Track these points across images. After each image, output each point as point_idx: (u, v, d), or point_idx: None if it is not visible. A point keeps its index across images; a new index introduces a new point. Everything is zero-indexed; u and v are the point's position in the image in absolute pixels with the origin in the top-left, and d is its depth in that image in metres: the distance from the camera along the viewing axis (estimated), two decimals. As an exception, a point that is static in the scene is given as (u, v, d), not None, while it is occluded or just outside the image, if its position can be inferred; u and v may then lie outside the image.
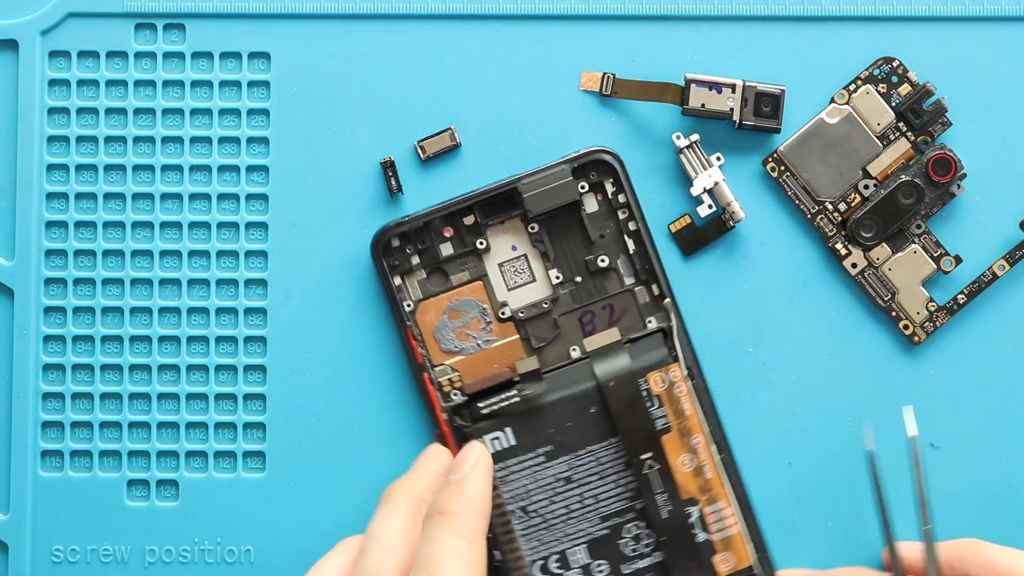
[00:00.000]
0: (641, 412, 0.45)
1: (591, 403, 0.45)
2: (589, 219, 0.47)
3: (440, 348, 0.47)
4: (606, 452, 0.45)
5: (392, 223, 0.46)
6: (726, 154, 0.47)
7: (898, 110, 0.47)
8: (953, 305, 0.47)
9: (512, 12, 0.48)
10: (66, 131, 0.48)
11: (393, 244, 0.46)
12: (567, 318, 0.47)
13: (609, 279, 0.47)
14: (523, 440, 0.45)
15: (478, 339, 0.47)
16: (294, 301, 0.47)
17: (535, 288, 0.47)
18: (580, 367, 0.45)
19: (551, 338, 0.47)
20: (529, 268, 0.47)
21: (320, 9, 0.48)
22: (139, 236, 0.48)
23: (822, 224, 0.47)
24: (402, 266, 0.47)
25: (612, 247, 0.47)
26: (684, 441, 0.45)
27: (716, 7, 0.47)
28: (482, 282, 0.47)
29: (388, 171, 0.47)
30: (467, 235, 0.47)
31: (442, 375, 0.46)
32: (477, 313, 0.47)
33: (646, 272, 0.46)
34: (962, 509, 0.46)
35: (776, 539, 0.47)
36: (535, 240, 0.47)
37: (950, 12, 0.47)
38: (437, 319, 0.47)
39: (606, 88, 0.47)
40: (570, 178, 0.46)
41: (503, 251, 0.47)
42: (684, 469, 0.45)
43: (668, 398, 0.45)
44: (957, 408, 0.47)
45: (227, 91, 0.48)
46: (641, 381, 0.45)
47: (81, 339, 0.47)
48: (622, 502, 0.45)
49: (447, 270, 0.47)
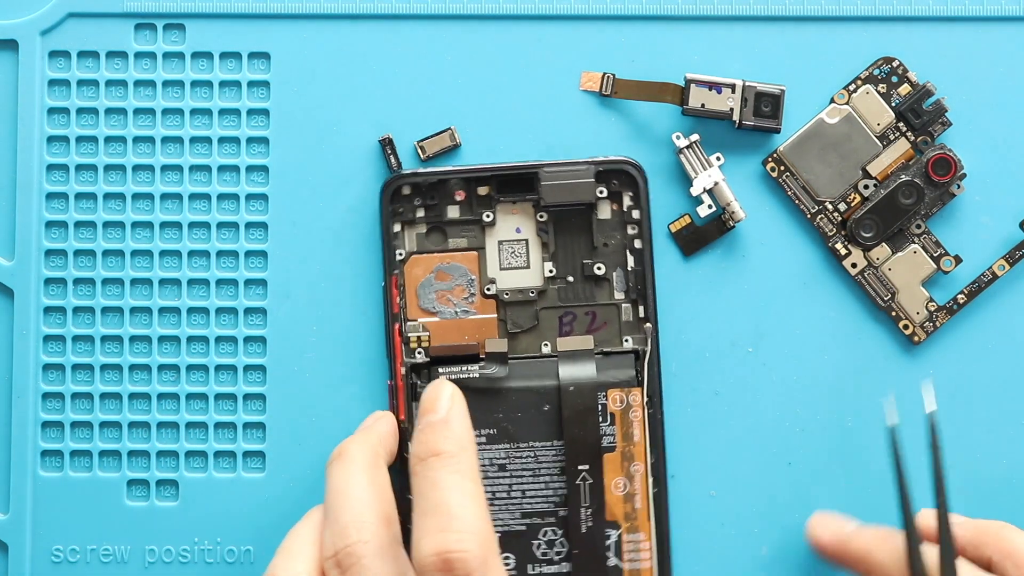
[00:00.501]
0: (591, 424, 0.44)
1: (546, 401, 0.45)
2: (598, 224, 0.47)
3: (419, 305, 0.46)
4: (546, 452, 0.45)
5: (409, 171, 0.46)
6: (726, 154, 0.47)
7: (898, 110, 0.47)
8: (953, 305, 0.47)
9: (512, 12, 0.48)
10: (66, 131, 0.48)
11: (404, 192, 0.46)
12: (548, 313, 0.47)
13: (600, 288, 0.47)
14: (472, 416, 0.44)
15: (457, 307, 0.46)
16: (294, 301, 0.47)
17: (526, 275, 0.47)
18: (546, 363, 0.45)
19: (527, 327, 0.47)
20: (527, 253, 0.47)
21: (320, 9, 0.48)
22: (139, 236, 0.48)
23: (822, 224, 0.47)
24: (406, 215, 0.46)
25: (612, 258, 0.47)
26: (624, 465, 0.45)
27: (716, 7, 0.47)
28: (478, 254, 0.47)
29: (387, 148, 0.46)
30: (477, 204, 0.47)
31: (412, 331, 0.46)
32: (464, 282, 0.46)
33: (638, 292, 0.46)
34: (962, 509, 0.46)
35: (776, 539, 0.47)
36: (540, 229, 0.47)
37: (950, 12, 0.47)
38: (424, 276, 0.46)
39: (606, 88, 0.47)
40: (591, 180, 0.46)
41: (506, 230, 0.47)
42: (616, 492, 0.45)
43: (621, 419, 0.45)
44: (957, 408, 0.47)
45: (227, 91, 0.48)
46: (601, 395, 0.45)
47: (81, 339, 0.47)
48: (547, 505, 0.45)
49: (448, 232, 0.47)
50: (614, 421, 0.45)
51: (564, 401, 0.45)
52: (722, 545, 0.47)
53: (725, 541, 0.47)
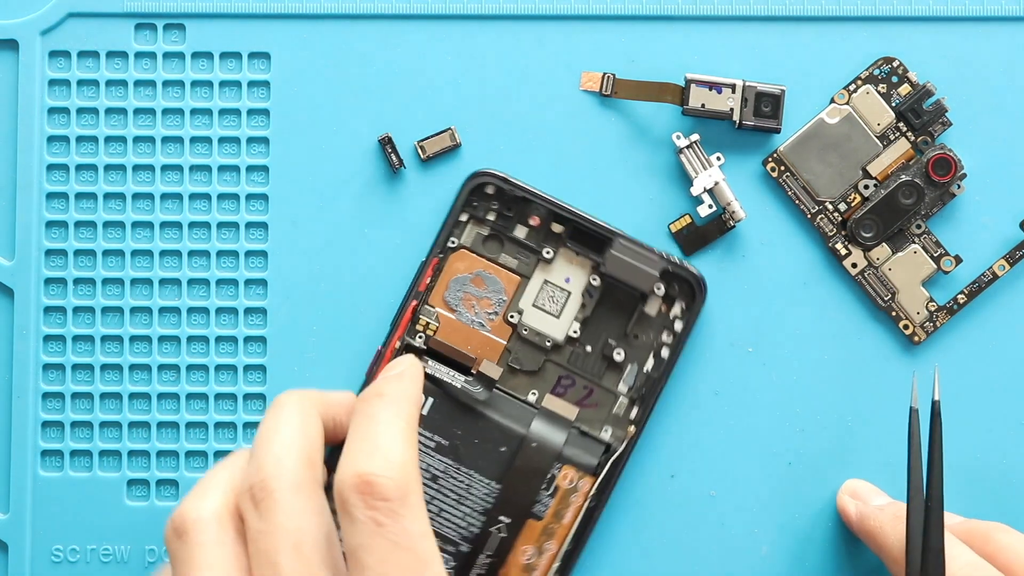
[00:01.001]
0: (534, 486, 0.44)
1: (506, 443, 0.45)
2: (639, 316, 0.46)
3: (444, 296, 0.46)
4: (480, 488, 0.44)
5: (505, 175, 0.46)
6: (726, 154, 0.47)
7: (898, 110, 0.47)
8: (953, 305, 0.47)
9: (512, 12, 0.48)
10: (66, 131, 0.48)
11: (488, 190, 0.46)
12: (552, 367, 0.46)
13: (611, 371, 0.46)
14: (432, 418, 0.44)
15: (477, 316, 0.46)
16: (294, 301, 0.47)
17: (552, 323, 0.46)
18: (525, 411, 0.45)
19: (527, 369, 0.46)
20: (563, 305, 0.46)
21: (320, 9, 0.48)
22: (139, 236, 0.48)
23: (822, 224, 0.47)
24: (478, 211, 0.46)
25: (636, 351, 0.46)
26: (541, 538, 0.44)
27: (716, 7, 0.47)
28: (520, 280, 0.46)
29: (387, 147, 0.46)
30: (544, 237, 0.46)
31: (425, 315, 0.46)
32: (495, 298, 0.46)
33: (641, 394, 0.46)
34: (962, 508, 0.46)
35: (776, 539, 0.47)
36: (587, 290, 0.46)
37: (950, 12, 0.47)
38: (462, 272, 0.46)
39: (606, 88, 0.47)
40: (656, 273, 0.45)
41: (557, 274, 0.46)
42: (521, 558, 0.44)
43: (563, 497, 0.44)
44: (957, 408, 0.47)
45: (227, 91, 0.48)
46: (556, 465, 0.44)
47: (81, 339, 0.47)
48: (454, 534, 0.44)
49: (505, 246, 0.46)
50: (555, 495, 0.45)
51: (521, 452, 0.44)
52: (722, 545, 0.47)
53: (725, 541, 0.47)
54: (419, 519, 0.36)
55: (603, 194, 0.47)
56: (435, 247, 0.46)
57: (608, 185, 0.47)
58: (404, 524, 0.36)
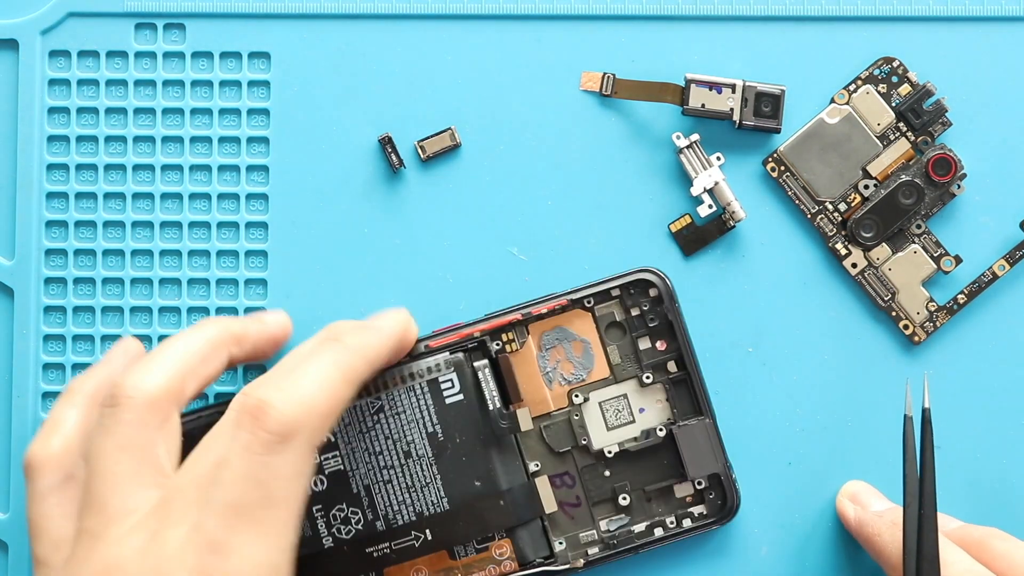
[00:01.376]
0: (472, 531, 0.44)
1: (483, 481, 0.44)
2: (666, 488, 0.46)
3: (542, 332, 0.46)
4: (432, 494, 0.44)
5: (674, 293, 0.45)
6: (726, 154, 0.47)
7: (898, 110, 0.47)
8: (953, 305, 0.47)
9: (512, 12, 0.48)
10: (66, 131, 0.48)
11: (651, 291, 0.45)
12: (567, 460, 0.46)
13: (606, 504, 0.46)
14: (451, 410, 0.44)
15: (551, 371, 0.46)
16: (294, 301, 0.47)
17: (599, 429, 0.46)
18: (518, 471, 0.45)
19: (547, 444, 0.46)
20: (620, 425, 0.46)
21: (320, 9, 0.48)
22: (139, 236, 0.48)
23: (822, 224, 0.47)
24: (626, 297, 0.46)
25: (637, 509, 0.46)
26: (439, 572, 0.44)
27: (716, 7, 0.47)
28: (608, 377, 0.46)
29: (387, 147, 0.46)
30: (656, 365, 0.46)
31: (516, 333, 0.45)
32: (578, 371, 0.46)
33: (609, 546, 0.45)
34: (961, 508, 0.46)
35: (776, 539, 0.47)
36: (649, 431, 0.46)
37: (950, 12, 0.47)
38: (572, 329, 0.46)
39: (606, 88, 0.47)
40: (708, 472, 0.45)
41: (639, 399, 0.46)
42: (412, 572, 0.44)
43: (484, 559, 0.44)
44: (957, 408, 0.47)
45: (227, 91, 0.48)
46: (503, 533, 0.44)
47: (81, 339, 0.47)
48: (383, 508, 0.44)
49: (620, 343, 0.46)
50: (480, 552, 0.44)
51: (487, 499, 0.44)
52: (723, 545, 0.47)
53: (725, 541, 0.47)
54: (292, 463, 0.37)
55: (603, 194, 0.47)
56: (575, 292, 0.46)
57: (608, 185, 0.47)
58: (274, 461, 0.36)
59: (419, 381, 0.44)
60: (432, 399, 0.44)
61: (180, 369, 0.40)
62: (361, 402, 0.44)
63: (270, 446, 0.36)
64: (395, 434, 0.44)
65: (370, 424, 0.44)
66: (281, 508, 0.37)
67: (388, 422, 0.44)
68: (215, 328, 0.42)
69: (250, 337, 0.43)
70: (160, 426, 0.39)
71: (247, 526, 0.36)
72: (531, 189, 0.47)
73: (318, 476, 0.44)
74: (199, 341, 0.41)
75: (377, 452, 0.44)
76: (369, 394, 0.44)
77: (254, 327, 0.44)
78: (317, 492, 0.44)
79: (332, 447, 0.44)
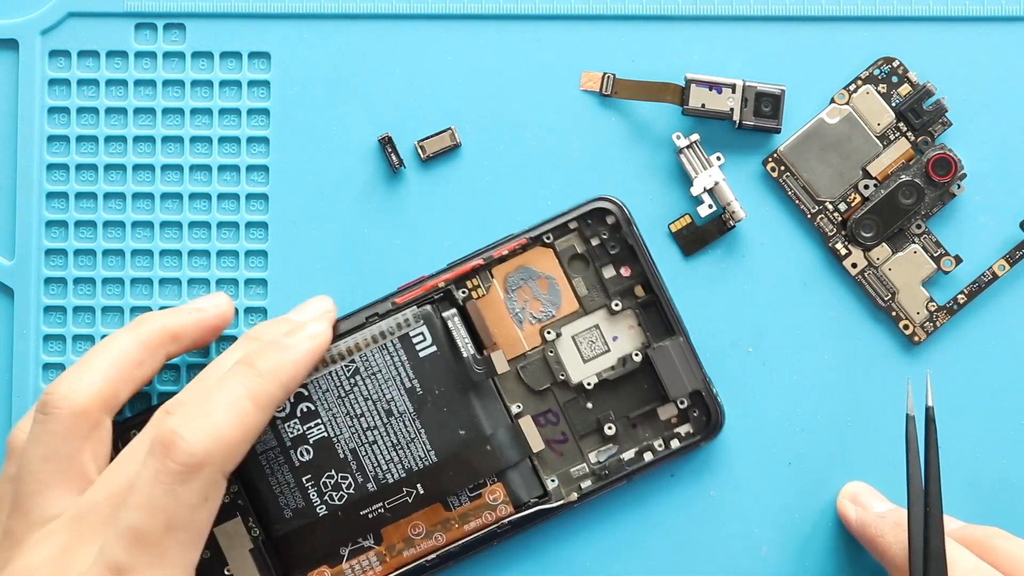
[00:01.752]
0: (463, 479, 0.44)
1: (467, 429, 0.44)
2: (649, 411, 0.46)
3: (507, 274, 0.46)
4: (419, 448, 0.44)
5: (631, 217, 0.45)
6: (726, 154, 0.47)
7: (898, 110, 0.47)
8: (953, 305, 0.47)
9: (512, 12, 0.48)
10: (66, 131, 0.48)
11: (608, 219, 0.46)
12: (548, 397, 0.46)
13: (593, 436, 0.46)
14: (426, 362, 0.44)
15: (520, 311, 0.46)
16: (294, 301, 0.47)
17: (576, 363, 0.46)
18: (501, 415, 0.45)
19: (527, 383, 0.46)
20: (596, 356, 0.46)
21: (320, 9, 0.48)
22: (139, 235, 0.48)
23: (822, 224, 0.47)
24: (585, 228, 0.46)
25: (624, 437, 0.46)
26: (436, 526, 0.44)
27: (716, 7, 0.47)
28: (578, 310, 0.46)
29: (387, 147, 0.46)
30: (623, 291, 0.46)
31: (481, 278, 0.45)
32: (547, 308, 0.46)
33: (601, 476, 0.45)
34: (962, 509, 0.46)
35: (776, 539, 0.47)
36: (625, 357, 0.46)
37: (950, 12, 0.47)
38: (535, 267, 0.46)
39: (606, 88, 0.47)
40: (689, 389, 0.45)
41: (610, 327, 0.46)
42: (409, 529, 0.44)
43: (478, 506, 0.44)
44: (957, 408, 0.47)
45: (227, 91, 0.48)
46: (493, 477, 0.44)
47: (81, 339, 0.47)
48: (372, 469, 0.44)
49: (584, 274, 0.46)
50: (474, 500, 0.44)
51: (474, 446, 0.44)
52: (722, 545, 0.47)
53: (725, 541, 0.47)
54: (199, 492, 0.38)
55: (603, 194, 0.47)
56: (533, 230, 0.46)
57: (608, 185, 0.47)
58: (180, 490, 0.38)
59: (390, 339, 0.44)
60: (406, 355, 0.44)
61: (112, 376, 0.41)
62: (336, 367, 0.44)
63: (178, 476, 0.38)
64: (374, 394, 0.44)
65: (348, 388, 0.44)
66: (183, 534, 0.38)
67: (365, 383, 0.44)
68: (151, 328, 0.43)
69: (188, 333, 0.44)
70: (88, 435, 0.40)
71: (148, 552, 0.38)
72: (531, 189, 0.47)
73: (304, 447, 0.44)
74: (133, 344, 0.42)
75: (359, 415, 0.44)
76: (343, 358, 0.44)
77: (192, 320, 0.44)
78: (305, 463, 0.44)
79: (314, 415, 0.44)
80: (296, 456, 0.44)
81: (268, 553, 0.44)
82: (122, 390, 0.41)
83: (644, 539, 0.47)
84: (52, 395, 0.40)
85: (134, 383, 0.42)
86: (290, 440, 0.44)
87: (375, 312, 0.45)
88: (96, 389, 0.41)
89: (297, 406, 0.44)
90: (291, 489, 0.44)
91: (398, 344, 0.44)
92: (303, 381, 0.43)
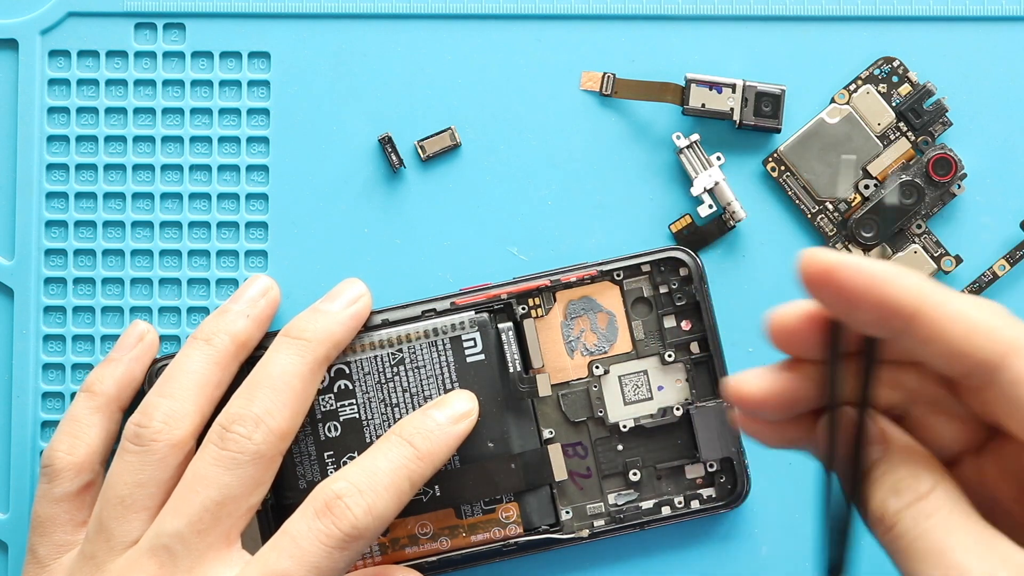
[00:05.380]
0: (481, 491, 0.44)
1: (495, 443, 0.44)
2: (677, 468, 0.46)
3: (568, 300, 0.46)
4: None
5: (705, 275, 0.45)
6: (726, 154, 0.47)
7: (898, 110, 0.47)
8: (953, 305, 0.47)
9: (512, 12, 0.48)
10: (66, 130, 0.48)
11: (681, 270, 0.46)
12: (582, 431, 0.46)
13: (616, 478, 0.46)
14: (472, 369, 0.44)
15: (573, 340, 0.46)
16: (294, 301, 0.47)
17: (616, 403, 0.46)
18: (531, 436, 0.45)
19: (563, 413, 0.46)
20: (638, 402, 0.46)
21: (320, 9, 0.48)
22: (139, 235, 0.48)
23: (822, 224, 0.47)
24: (656, 274, 0.46)
25: (647, 487, 0.46)
26: (444, 530, 0.44)
27: (716, 7, 0.47)
28: (630, 352, 0.46)
29: (387, 147, 0.46)
30: (678, 344, 0.46)
31: (544, 298, 0.45)
32: (600, 343, 0.46)
33: (616, 520, 0.45)
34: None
35: (776, 539, 0.47)
36: (666, 409, 0.46)
37: (950, 12, 0.47)
38: (599, 300, 0.46)
39: (606, 88, 0.47)
40: (721, 455, 0.45)
41: (659, 377, 0.46)
42: (417, 527, 0.44)
43: (489, 520, 0.44)
44: (957, 408, 0.47)
45: (227, 90, 0.48)
46: (511, 496, 0.44)
47: (81, 339, 0.47)
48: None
49: (645, 319, 0.46)
50: (487, 513, 0.44)
51: (498, 460, 0.44)
52: (728, 531, 0.47)
53: (731, 527, 0.47)
54: (348, 561, 0.41)
55: (603, 194, 0.47)
56: (605, 263, 0.46)
57: (608, 185, 0.47)
58: (335, 555, 0.40)
59: (442, 337, 0.45)
60: (453, 356, 0.44)
61: (202, 406, 0.43)
62: (382, 351, 0.44)
63: (340, 542, 0.40)
64: (413, 387, 0.44)
65: (389, 375, 0.44)
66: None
67: (408, 375, 0.44)
68: (222, 344, 0.44)
69: (253, 337, 0.45)
70: (183, 463, 0.42)
71: None
72: (531, 189, 0.47)
73: (333, 422, 0.44)
74: (211, 367, 0.43)
75: (394, 404, 0.44)
76: (391, 345, 0.44)
77: (255, 325, 0.45)
78: (330, 438, 0.44)
79: (350, 394, 0.44)
80: (324, 431, 0.44)
81: (274, 519, 0.44)
82: (208, 415, 0.43)
83: (644, 538, 0.47)
84: (146, 428, 0.42)
85: (215, 404, 0.43)
86: (321, 413, 0.44)
87: (433, 308, 0.45)
88: (190, 421, 0.42)
89: (336, 382, 0.44)
90: (311, 461, 0.44)
91: (448, 344, 0.45)
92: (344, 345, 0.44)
